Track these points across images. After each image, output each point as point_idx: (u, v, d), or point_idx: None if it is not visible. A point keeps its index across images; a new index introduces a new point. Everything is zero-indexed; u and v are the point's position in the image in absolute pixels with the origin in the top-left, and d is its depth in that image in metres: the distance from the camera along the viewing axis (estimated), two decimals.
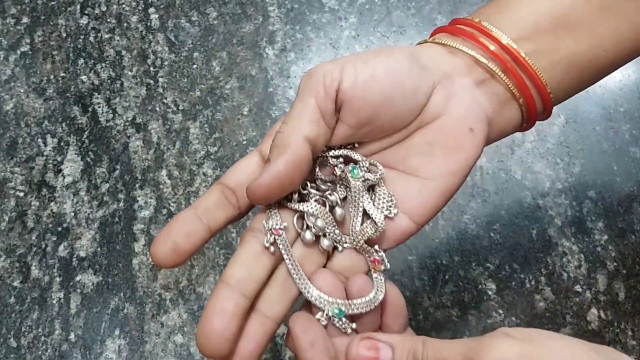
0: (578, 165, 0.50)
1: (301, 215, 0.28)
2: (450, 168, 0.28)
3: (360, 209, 0.28)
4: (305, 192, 0.29)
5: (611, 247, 0.47)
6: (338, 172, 0.28)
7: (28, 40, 0.54)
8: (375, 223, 0.27)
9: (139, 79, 0.53)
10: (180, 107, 0.52)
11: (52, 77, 0.53)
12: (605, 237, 0.48)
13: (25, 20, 0.55)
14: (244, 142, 0.51)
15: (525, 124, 0.31)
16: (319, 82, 0.27)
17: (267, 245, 0.26)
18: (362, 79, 0.27)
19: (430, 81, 0.28)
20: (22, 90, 0.52)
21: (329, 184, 0.29)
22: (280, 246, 0.27)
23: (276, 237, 0.27)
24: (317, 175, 0.29)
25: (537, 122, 0.32)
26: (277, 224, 0.27)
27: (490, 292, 0.46)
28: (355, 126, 0.28)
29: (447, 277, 0.46)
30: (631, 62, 0.32)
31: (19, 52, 0.54)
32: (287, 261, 0.27)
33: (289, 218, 0.28)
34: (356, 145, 0.29)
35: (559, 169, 0.50)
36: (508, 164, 0.50)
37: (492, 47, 0.29)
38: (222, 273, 0.26)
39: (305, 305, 0.28)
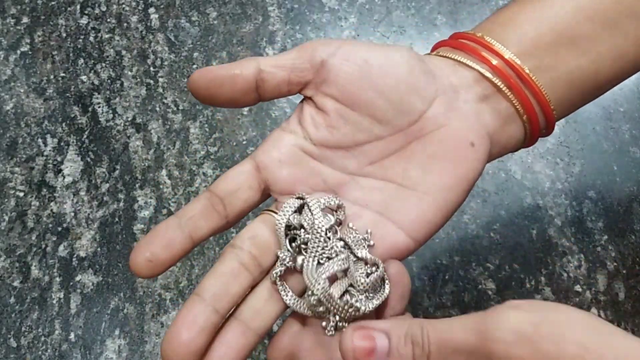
0: (578, 165, 0.50)
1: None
2: (447, 182, 0.28)
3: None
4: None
5: (611, 247, 0.47)
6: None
7: (28, 40, 0.54)
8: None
9: (139, 79, 0.53)
10: (180, 107, 0.52)
11: (52, 77, 0.53)
12: (605, 237, 0.48)
13: (25, 20, 0.55)
14: (244, 142, 0.51)
15: (527, 141, 0.31)
16: (309, 47, 0.28)
17: (273, 279, 0.27)
18: (356, 58, 0.27)
19: (433, 88, 0.28)
20: (22, 90, 0.52)
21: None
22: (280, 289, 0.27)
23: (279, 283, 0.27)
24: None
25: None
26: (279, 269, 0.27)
27: (490, 292, 0.46)
28: (340, 100, 0.28)
29: (447, 277, 0.46)
30: None
31: (19, 52, 0.54)
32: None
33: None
34: (339, 203, 0.28)
35: (559, 169, 0.50)
36: (508, 164, 0.50)
37: (494, 62, 0.28)
38: (196, 286, 0.26)
39: (292, 315, 0.27)
